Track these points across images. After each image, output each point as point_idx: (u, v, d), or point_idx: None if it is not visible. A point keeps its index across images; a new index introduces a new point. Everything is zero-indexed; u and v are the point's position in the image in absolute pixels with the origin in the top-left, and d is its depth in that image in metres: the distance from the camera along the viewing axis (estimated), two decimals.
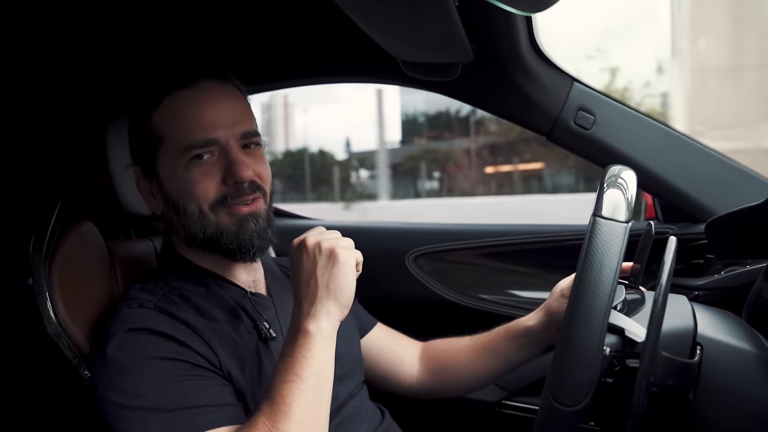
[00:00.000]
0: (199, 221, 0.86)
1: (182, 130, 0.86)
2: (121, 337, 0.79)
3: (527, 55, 1.20)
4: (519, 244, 1.41)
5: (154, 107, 0.88)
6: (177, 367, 0.77)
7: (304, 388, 0.73)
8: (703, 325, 0.71)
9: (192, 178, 0.85)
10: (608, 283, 0.57)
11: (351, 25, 0.90)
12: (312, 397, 0.73)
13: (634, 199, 0.62)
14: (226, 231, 0.87)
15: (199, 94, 0.87)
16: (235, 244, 0.87)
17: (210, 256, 0.91)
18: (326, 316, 0.77)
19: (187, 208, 0.86)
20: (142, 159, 0.91)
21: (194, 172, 0.85)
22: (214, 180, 0.86)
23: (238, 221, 0.87)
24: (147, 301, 0.84)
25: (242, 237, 0.87)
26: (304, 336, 0.75)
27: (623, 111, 1.24)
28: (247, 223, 0.87)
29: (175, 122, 0.87)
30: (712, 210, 1.17)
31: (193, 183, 0.85)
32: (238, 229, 0.87)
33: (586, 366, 0.57)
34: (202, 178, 0.85)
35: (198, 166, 0.86)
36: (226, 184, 0.86)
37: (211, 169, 0.86)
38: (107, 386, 0.77)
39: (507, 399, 1.38)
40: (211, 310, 0.86)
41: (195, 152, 0.85)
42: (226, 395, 0.80)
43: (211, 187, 0.86)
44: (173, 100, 0.88)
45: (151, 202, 0.93)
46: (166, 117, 0.87)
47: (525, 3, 0.83)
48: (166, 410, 0.74)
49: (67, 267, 0.90)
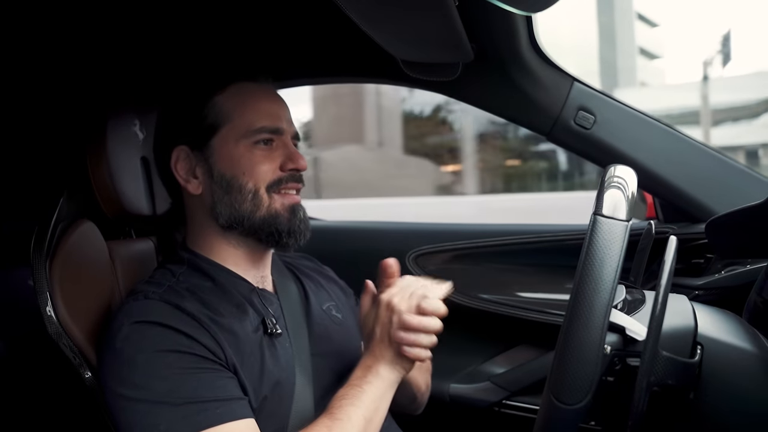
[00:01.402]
0: (252, 201, 0.91)
1: (253, 114, 0.92)
2: (127, 329, 0.79)
3: (527, 55, 1.20)
4: (519, 243, 1.41)
5: (221, 90, 0.93)
6: (185, 360, 0.78)
7: (360, 407, 0.82)
8: (703, 325, 0.71)
9: (255, 158, 0.91)
10: (609, 282, 0.57)
11: (351, 25, 0.90)
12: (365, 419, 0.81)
13: (634, 199, 0.62)
14: (280, 217, 0.92)
15: (265, 90, 0.96)
16: (286, 228, 0.92)
17: (238, 244, 0.94)
18: (389, 367, 0.86)
19: (244, 185, 0.91)
20: (193, 137, 0.93)
21: (257, 155, 0.91)
22: (273, 164, 0.92)
23: (290, 208, 0.93)
24: (152, 293, 0.84)
25: (293, 223, 0.93)
26: (366, 371, 0.85)
27: (624, 111, 1.24)
28: (298, 211, 0.94)
29: (246, 106, 0.93)
30: (712, 210, 1.17)
31: (255, 163, 0.91)
32: (290, 215, 0.93)
33: (587, 364, 0.57)
34: (264, 160, 0.92)
35: (262, 149, 0.92)
36: (283, 170, 0.93)
37: (272, 153, 0.93)
38: (115, 379, 0.77)
39: (507, 399, 1.38)
40: (217, 304, 0.87)
41: (263, 136, 0.92)
42: (234, 389, 0.80)
43: (270, 170, 0.92)
44: (241, 88, 0.94)
45: (189, 182, 0.94)
46: (234, 101, 0.93)
47: (525, 3, 0.83)
48: (176, 404, 0.74)
49: (68, 267, 0.90)
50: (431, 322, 0.85)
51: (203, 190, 0.93)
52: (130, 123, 1.05)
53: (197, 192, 0.94)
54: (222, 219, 0.92)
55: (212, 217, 0.93)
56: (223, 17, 1.25)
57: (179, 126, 0.95)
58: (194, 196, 0.94)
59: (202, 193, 0.93)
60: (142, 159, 1.06)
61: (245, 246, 0.94)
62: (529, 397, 1.37)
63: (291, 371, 0.89)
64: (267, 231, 0.92)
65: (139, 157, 1.06)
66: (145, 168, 1.06)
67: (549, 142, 1.29)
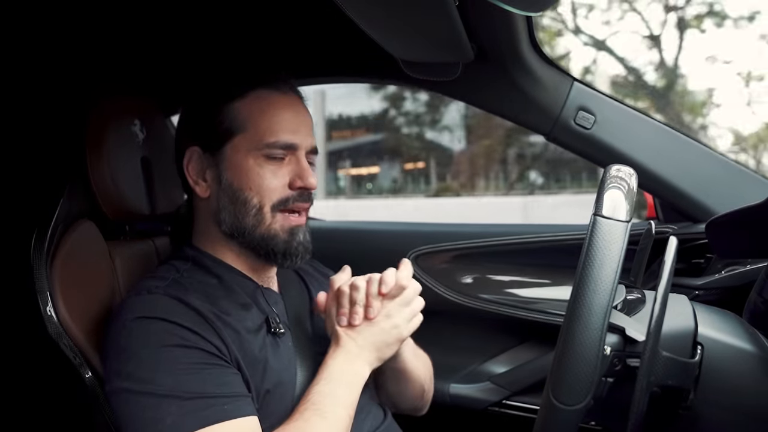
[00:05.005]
0: (255, 216, 0.90)
1: (268, 126, 0.90)
2: (131, 325, 0.79)
3: (527, 55, 1.20)
4: (519, 243, 1.41)
5: (240, 96, 0.91)
6: (191, 355, 0.77)
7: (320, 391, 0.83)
8: (703, 325, 0.71)
9: (264, 173, 0.90)
10: (609, 282, 0.57)
11: (350, 25, 0.90)
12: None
13: (634, 199, 0.62)
14: (278, 238, 0.91)
15: (286, 99, 0.93)
16: (281, 250, 0.91)
17: (239, 251, 0.93)
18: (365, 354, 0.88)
19: (248, 200, 0.90)
20: (207, 140, 0.93)
21: (267, 169, 0.90)
22: (282, 181, 0.91)
23: (289, 230, 0.91)
24: (155, 287, 0.84)
25: (290, 245, 0.92)
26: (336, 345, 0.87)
27: (624, 111, 1.24)
28: (297, 234, 0.92)
29: (262, 117, 0.90)
30: (712, 210, 1.17)
31: (263, 178, 0.89)
32: (288, 237, 0.91)
33: (586, 365, 0.57)
34: (273, 177, 0.90)
35: (272, 164, 0.90)
36: (291, 188, 0.90)
37: (282, 170, 0.91)
38: (119, 375, 0.77)
39: (507, 399, 1.38)
40: (221, 301, 0.87)
41: (274, 152, 0.90)
42: (239, 386, 0.80)
43: (279, 188, 0.90)
44: (261, 96, 0.92)
45: (198, 184, 0.94)
46: (252, 109, 0.91)
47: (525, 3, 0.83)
48: (183, 398, 0.74)
49: (68, 267, 0.90)
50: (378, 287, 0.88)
51: (211, 194, 0.93)
52: (130, 123, 1.05)
53: (205, 195, 0.94)
54: (225, 226, 0.92)
55: (216, 222, 0.93)
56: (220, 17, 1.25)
57: (195, 127, 0.95)
58: (202, 198, 0.94)
59: (210, 197, 0.93)
60: (142, 159, 1.06)
61: (245, 255, 0.94)
62: (529, 397, 1.37)
63: (293, 370, 0.90)
64: (264, 249, 0.91)
65: (139, 157, 1.05)
66: (145, 168, 1.06)
67: (549, 141, 1.29)
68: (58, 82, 1.23)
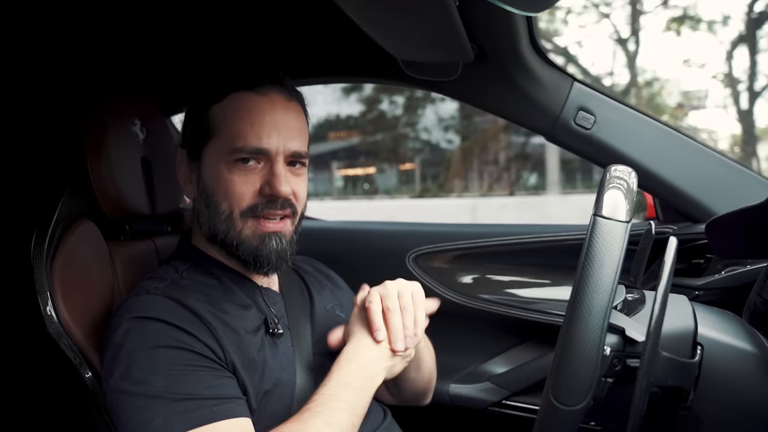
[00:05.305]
0: (225, 222, 0.88)
1: (237, 131, 0.87)
2: (128, 324, 0.79)
3: (527, 55, 1.20)
4: (519, 244, 1.41)
5: (217, 100, 0.90)
6: (185, 357, 0.77)
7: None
8: (703, 325, 0.71)
9: (232, 179, 0.87)
10: (609, 283, 0.57)
11: (350, 25, 0.90)
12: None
13: (634, 199, 0.62)
14: (246, 243, 0.88)
15: (264, 101, 0.88)
16: (251, 257, 0.89)
17: (225, 255, 0.93)
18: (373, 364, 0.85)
19: (219, 206, 0.88)
20: (191, 145, 0.93)
21: (236, 175, 0.87)
22: (252, 187, 0.87)
23: (260, 237, 0.88)
24: (154, 288, 0.84)
25: (260, 252, 0.88)
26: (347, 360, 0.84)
27: (623, 111, 1.24)
28: (270, 241, 0.89)
29: (233, 121, 0.88)
30: (712, 210, 1.17)
31: (232, 184, 0.87)
32: (258, 244, 0.88)
33: (586, 365, 0.57)
34: (242, 183, 0.87)
35: (241, 170, 0.87)
36: (261, 194, 0.87)
37: (252, 176, 0.88)
38: (115, 374, 0.77)
39: (507, 399, 1.38)
40: (220, 302, 0.87)
41: (242, 156, 0.86)
42: (232, 389, 0.80)
43: (247, 194, 0.87)
44: (237, 99, 0.89)
45: (186, 186, 0.95)
46: (225, 113, 0.89)
47: (525, 3, 0.83)
48: (173, 399, 0.74)
49: (68, 267, 0.90)
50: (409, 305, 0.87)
51: (195, 197, 0.93)
52: (130, 123, 1.05)
53: (191, 197, 0.94)
54: (204, 229, 0.92)
55: (198, 224, 0.93)
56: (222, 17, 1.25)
57: (183, 129, 0.96)
58: (191, 199, 0.94)
59: (195, 199, 0.94)
60: (142, 159, 1.06)
61: (229, 258, 0.93)
62: (529, 398, 1.37)
63: (292, 370, 0.90)
64: (235, 254, 0.90)
65: (139, 157, 1.05)
66: (145, 168, 1.06)
67: (549, 141, 1.29)
68: (58, 82, 1.24)
